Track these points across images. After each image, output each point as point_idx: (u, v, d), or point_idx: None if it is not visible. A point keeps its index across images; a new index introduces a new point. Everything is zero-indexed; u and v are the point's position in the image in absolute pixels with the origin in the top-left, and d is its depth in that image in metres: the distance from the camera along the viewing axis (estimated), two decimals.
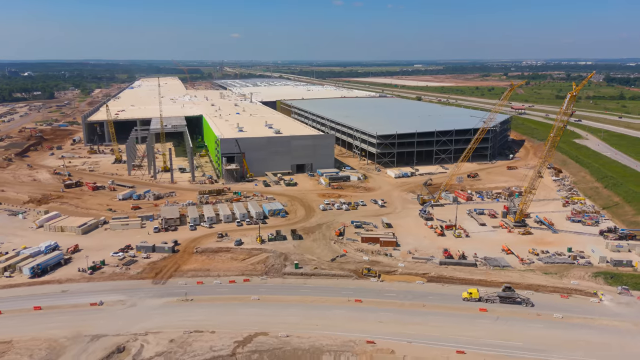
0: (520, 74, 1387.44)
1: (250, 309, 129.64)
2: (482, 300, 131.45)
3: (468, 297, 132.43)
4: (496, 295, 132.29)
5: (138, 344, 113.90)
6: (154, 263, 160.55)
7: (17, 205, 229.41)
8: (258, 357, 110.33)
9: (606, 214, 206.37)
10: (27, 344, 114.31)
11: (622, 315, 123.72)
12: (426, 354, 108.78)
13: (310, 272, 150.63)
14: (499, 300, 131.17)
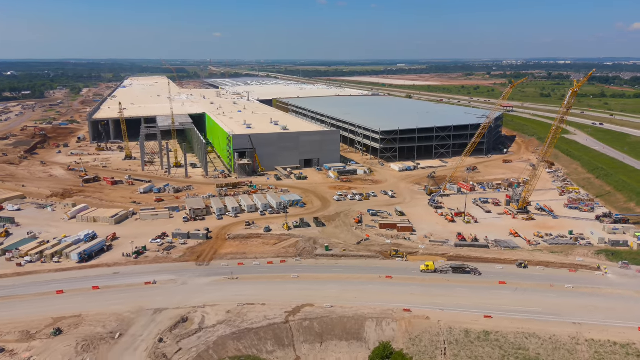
0: (502, 73, 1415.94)
1: (293, 285, 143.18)
2: (437, 271, 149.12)
3: (425, 269, 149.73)
4: (449, 266, 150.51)
5: (199, 314, 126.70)
6: (192, 248, 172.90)
7: (41, 199, 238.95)
8: (309, 324, 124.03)
9: (600, 201, 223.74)
10: (96, 317, 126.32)
11: (624, 285, 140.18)
12: (458, 319, 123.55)
13: (339, 253, 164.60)
14: (452, 270, 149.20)
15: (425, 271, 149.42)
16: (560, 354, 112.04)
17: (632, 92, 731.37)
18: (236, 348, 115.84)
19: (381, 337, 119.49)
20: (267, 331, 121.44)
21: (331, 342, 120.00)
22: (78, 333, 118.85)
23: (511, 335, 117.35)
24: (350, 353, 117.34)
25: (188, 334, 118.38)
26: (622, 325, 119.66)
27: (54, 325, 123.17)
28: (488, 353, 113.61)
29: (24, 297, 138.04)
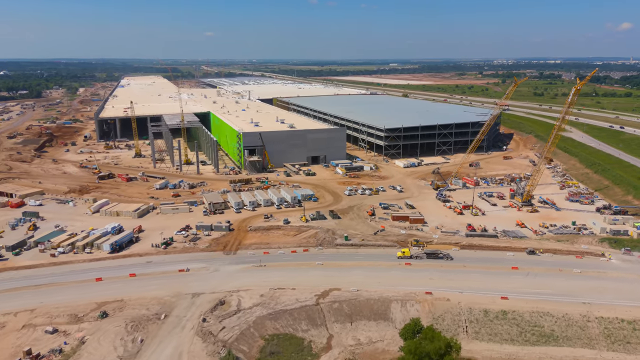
0: (494, 72, 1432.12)
1: (318, 272, 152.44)
2: (412, 257, 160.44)
3: (402, 255, 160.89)
4: (423, 252, 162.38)
5: (235, 298, 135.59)
6: (217, 239, 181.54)
7: (59, 195, 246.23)
8: (338, 305, 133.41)
9: (599, 194, 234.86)
10: (138, 302, 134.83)
11: (628, 270, 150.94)
12: (476, 300, 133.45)
13: (359, 243, 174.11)
14: (426, 256, 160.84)
15: (402, 257, 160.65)
16: (573, 330, 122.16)
17: (622, 91, 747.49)
18: (274, 327, 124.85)
19: (406, 317, 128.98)
20: (301, 312, 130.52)
21: (360, 321, 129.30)
22: (124, 315, 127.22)
23: (527, 314, 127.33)
24: (379, 331, 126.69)
25: (228, 314, 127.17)
26: (628, 304, 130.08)
27: (99, 309, 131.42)
28: (506, 330, 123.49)
29: (64, 284, 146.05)
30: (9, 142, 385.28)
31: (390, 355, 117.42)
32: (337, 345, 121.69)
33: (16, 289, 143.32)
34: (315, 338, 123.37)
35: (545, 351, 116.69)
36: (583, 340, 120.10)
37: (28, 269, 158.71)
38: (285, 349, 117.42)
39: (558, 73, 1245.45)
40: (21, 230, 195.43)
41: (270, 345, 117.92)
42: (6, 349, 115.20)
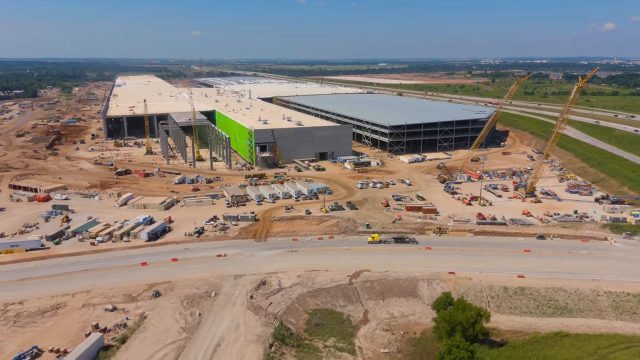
0: (483, 72, 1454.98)
1: (346, 256, 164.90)
2: (381, 242, 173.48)
3: (372, 241, 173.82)
4: (392, 238, 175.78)
5: (275, 278, 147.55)
6: (245, 228, 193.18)
7: (81, 190, 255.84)
8: (370, 284, 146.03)
9: (596, 186, 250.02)
10: (186, 282, 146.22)
11: (629, 251, 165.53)
12: (496, 279, 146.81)
13: (379, 230, 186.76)
14: (394, 241, 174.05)
15: (372, 242, 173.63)
16: (585, 303, 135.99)
17: (610, 89, 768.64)
18: (314, 303, 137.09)
19: (433, 294, 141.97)
20: (337, 290, 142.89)
21: (391, 298, 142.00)
22: (176, 294, 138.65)
23: (542, 290, 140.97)
24: (409, 306, 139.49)
25: (272, 292, 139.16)
26: (632, 280, 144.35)
27: (151, 289, 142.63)
28: (525, 304, 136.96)
29: (112, 269, 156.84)
30: (18, 140, 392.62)
31: (422, 327, 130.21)
32: (373, 318, 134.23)
33: (67, 274, 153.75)
34: (352, 313, 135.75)
35: (561, 322, 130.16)
36: (594, 311, 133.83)
37: (72, 256, 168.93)
38: (328, 322, 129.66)
39: (546, 72, 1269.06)
40: (54, 222, 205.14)
41: (314, 318, 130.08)
42: (74, 324, 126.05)
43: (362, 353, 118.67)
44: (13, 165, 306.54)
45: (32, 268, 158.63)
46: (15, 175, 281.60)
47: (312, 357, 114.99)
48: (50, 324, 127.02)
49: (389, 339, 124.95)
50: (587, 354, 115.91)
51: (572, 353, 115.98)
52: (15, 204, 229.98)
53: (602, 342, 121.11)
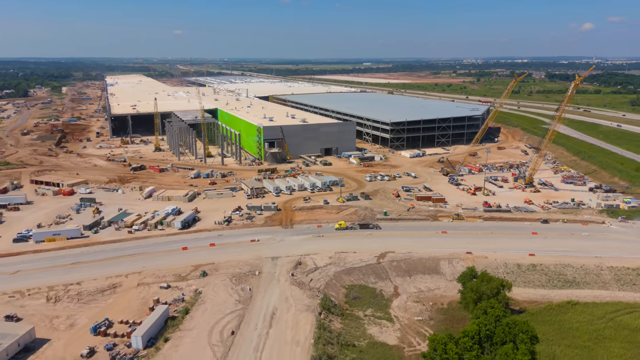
0: (467, 71, 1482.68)
1: (371, 239, 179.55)
2: (348, 228, 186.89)
3: (339, 227, 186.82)
4: (357, 224, 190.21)
5: (309, 259, 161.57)
6: (270, 217, 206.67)
7: (101, 184, 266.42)
8: (396, 264, 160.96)
9: (589, 177, 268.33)
10: (228, 264, 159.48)
11: (626, 233, 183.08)
12: (509, 257, 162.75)
13: (396, 217, 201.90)
14: (359, 227, 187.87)
15: (339, 229, 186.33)
16: (590, 277, 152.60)
17: (592, 88, 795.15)
18: (349, 280, 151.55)
19: (454, 271, 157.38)
20: (367, 269, 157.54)
21: (417, 275, 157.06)
22: (222, 273, 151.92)
23: (552, 266, 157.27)
24: (434, 282, 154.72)
25: (309, 271, 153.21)
26: (631, 256, 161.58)
27: (197, 270, 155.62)
28: (537, 278, 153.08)
29: (155, 253, 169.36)
30: (24, 138, 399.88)
31: (448, 299, 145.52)
32: (403, 292, 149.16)
33: (114, 258, 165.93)
34: (383, 288, 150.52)
35: (571, 292, 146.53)
36: (599, 284, 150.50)
37: (113, 242, 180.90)
38: (364, 295, 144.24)
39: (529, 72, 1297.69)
40: (85, 213, 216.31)
41: (351, 292, 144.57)
42: (134, 300, 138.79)
43: (399, 320, 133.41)
44: (28, 162, 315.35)
45: (79, 254, 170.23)
46: (33, 171, 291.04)
47: (356, 323, 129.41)
48: (111, 300, 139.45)
49: (420, 309, 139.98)
50: (596, 318, 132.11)
51: (583, 317, 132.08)
52: (41, 197, 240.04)
53: (608, 308, 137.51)
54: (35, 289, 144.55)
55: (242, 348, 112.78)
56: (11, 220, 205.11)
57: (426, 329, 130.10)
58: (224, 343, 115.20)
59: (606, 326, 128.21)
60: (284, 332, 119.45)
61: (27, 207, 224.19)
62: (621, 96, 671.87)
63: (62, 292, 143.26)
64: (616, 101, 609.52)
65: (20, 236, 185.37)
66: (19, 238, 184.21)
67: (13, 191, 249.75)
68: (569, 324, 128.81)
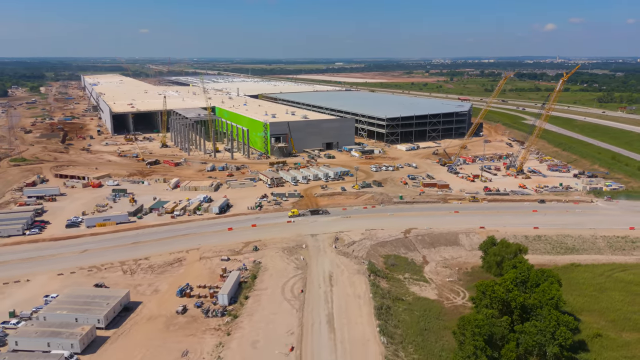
0: (439, 71, 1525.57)
1: (393, 219, 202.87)
2: (300, 215, 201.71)
3: (292, 215, 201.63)
4: (308, 210, 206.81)
5: (345, 235, 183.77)
6: (295, 202, 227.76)
7: (123, 177, 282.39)
8: (421, 237, 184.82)
9: (572, 165, 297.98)
10: (273, 240, 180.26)
11: (612, 209, 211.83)
12: (517, 230, 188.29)
13: (411, 200, 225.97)
14: (310, 213, 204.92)
15: (292, 216, 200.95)
16: (587, 245, 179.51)
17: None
18: (384, 251, 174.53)
19: (471, 242, 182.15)
20: (397, 242, 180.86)
21: (440, 247, 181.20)
22: (272, 248, 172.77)
23: (554, 237, 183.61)
24: (455, 252, 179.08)
25: (348, 244, 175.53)
26: (619, 227, 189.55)
27: (248, 246, 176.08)
28: (543, 247, 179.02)
29: (205, 234, 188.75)
30: (28, 136, 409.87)
31: (471, 265, 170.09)
32: (431, 260, 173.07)
33: (169, 238, 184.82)
34: (414, 257, 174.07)
35: (572, 257, 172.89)
36: (595, 250, 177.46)
37: (161, 226, 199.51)
38: (399, 263, 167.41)
39: (498, 71, 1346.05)
40: (122, 202, 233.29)
41: (388, 260, 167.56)
42: (202, 270, 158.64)
43: (433, 281, 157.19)
44: (42, 158, 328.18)
45: (135, 235, 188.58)
46: (51, 166, 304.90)
47: (398, 284, 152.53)
48: (182, 271, 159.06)
49: (449, 272, 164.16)
50: (596, 275, 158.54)
51: (585, 275, 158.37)
52: (71, 190, 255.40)
53: (605, 268, 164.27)
54: (108, 264, 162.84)
55: (314, 301, 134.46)
56: (53, 210, 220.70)
57: (458, 288, 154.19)
58: (297, 298, 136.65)
59: (606, 280, 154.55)
60: (345, 289, 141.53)
61: (62, 198, 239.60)
62: (588, 94, 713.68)
63: (135, 265, 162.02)
64: (585, 98, 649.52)
65: (71, 222, 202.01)
66: (70, 224, 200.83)
67: (41, 184, 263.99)
68: (575, 280, 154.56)
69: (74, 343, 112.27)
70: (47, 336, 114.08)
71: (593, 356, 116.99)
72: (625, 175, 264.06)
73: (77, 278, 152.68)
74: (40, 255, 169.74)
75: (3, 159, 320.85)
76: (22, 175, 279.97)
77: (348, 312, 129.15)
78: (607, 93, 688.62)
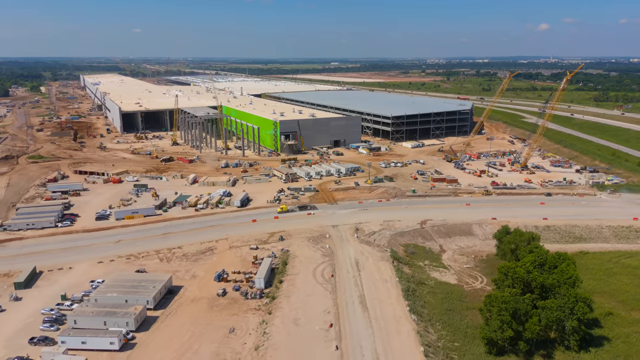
0: (435, 71, 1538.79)
1: (408, 211, 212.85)
2: (289, 210, 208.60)
3: (281, 211, 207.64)
4: (296, 206, 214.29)
5: (364, 226, 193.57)
6: (312, 196, 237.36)
7: (138, 174, 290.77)
8: (437, 228, 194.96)
9: (573, 161, 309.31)
10: (297, 231, 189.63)
11: (615, 201, 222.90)
12: (527, 221, 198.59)
13: (423, 194, 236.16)
14: (298, 209, 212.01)
15: (281, 212, 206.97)
16: (594, 234, 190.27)
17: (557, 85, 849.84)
18: (403, 240, 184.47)
19: (485, 232, 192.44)
20: (414, 232, 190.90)
21: (455, 237, 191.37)
22: (297, 238, 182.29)
23: (562, 227, 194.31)
24: (469, 241, 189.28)
25: (369, 234, 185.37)
26: (623, 218, 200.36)
27: (273, 236, 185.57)
28: (552, 236, 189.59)
29: (231, 225, 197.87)
30: (39, 134, 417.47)
31: (485, 253, 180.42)
32: (447, 249, 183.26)
33: (196, 229, 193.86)
34: (431, 246, 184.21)
35: (581, 246, 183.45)
36: (601, 239, 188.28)
37: (187, 218, 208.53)
38: (418, 251, 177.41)
39: (493, 71, 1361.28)
40: (145, 197, 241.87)
41: (408, 248, 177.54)
42: (234, 258, 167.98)
43: (452, 268, 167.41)
44: (59, 156, 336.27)
45: (164, 227, 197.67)
46: (69, 163, 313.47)
47: (420, 270, 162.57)
48: (215, 259, 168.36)
49: (466, 260, 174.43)
50: (605, 262, 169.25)
51: (594, 261, 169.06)
52: (93, 185, 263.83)
53: (612, 255, 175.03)
54: (144, 253, 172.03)
55: (345, 284, 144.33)
56: (80, 204, 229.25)
57: (475, 273, 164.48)
58: (328, 282, 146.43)
59: (614, 266, 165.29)
60: (372, 274, 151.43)
61: (85, 193, 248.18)
62: (584, 93, 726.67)
63: (169, 254, 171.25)
64: (580, 97, 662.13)
65: (100, 215, 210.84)
66: (99, 216, 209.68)
67: (61, 180, 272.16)
68: (585, 266, 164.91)
69: (129, 321, 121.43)
70: (103, 315, 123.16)
71: (606, 332, 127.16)
72: (626, 170, 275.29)
73: (117, 265, 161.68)
74: (77, 246, 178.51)
75: (20, 156, 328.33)
76: (41, 172, 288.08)
77: (378, 293, 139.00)
78: (602, 92, 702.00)
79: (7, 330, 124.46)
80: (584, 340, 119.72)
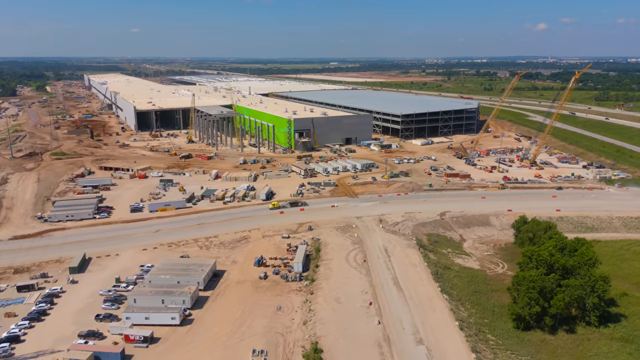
0: (435, 70, 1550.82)
1: (427, 204, 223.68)
2: (280, 207, 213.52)
3: (273, 207, 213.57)
4: (287, 202, 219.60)
5: (387, 217, 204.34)
6: (332, 190, 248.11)
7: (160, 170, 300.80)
8: (456, 219, 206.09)
9: (580, 158, 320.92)
10: (323, 222, 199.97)
11: (623, 194, 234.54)
12: (541, 212, 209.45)
13: (440, 188, 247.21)
14: (290, 205, 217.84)
15: (273, 208, 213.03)
16: (605, 224, 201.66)
17: (558, 85, 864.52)
18: (425, 230, 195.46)
19: (502, 223, 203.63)
20: (435, 223, 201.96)
21: (474, 227, 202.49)
22: (324, 227, 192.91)
23: (575, 218, 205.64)
24: (488, 231, 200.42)
25: (393, 224, 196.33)
26: (631, 209, 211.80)
27: (302, 226, 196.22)
28: (566, 227, 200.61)
29: (260, 217, 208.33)
30: (57, 132, 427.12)
31: (503, 241, 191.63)
32: (467, 238, 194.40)
33: (228, 220, 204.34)
34: (452, 235, 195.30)
35: (593, 235, 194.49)
36: (612, 229, 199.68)
37: (217, 210, 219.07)
38: (440, 240, 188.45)
39: (493, 71, 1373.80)
40: (172, 191, 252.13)
41: (431, 237, 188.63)
42: (268, 245, 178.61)
43: (474, 255, 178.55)
44: (80, 153, 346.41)
45: (197, 218, 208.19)
46: (92, 160, 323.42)
47: (444, 257, 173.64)
48: (250, 246, 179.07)
49: (486, 248, 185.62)
50: (616, 249, 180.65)
51: (606, 249, 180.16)
52: (119, 180, 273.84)
53: (623, 243, 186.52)
54: (184, 241, 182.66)
55: (377, 268, 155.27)
56: (111, 197, 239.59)
57: (496, 260, 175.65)
58: (361, 266, 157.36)
59: (625, 253, 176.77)
60: (401, 259, 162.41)
61: (113, 188, 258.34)
62: (585, 92, 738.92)
63: (207, 242, 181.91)
64: (581, 97, 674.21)
65: (134, 207, 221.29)
66: (134, 208, 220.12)
67: (88, 176, 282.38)
68: (598, 253, 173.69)
69: (185, 299, 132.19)
70: (161, 294, 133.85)
71: (622, 310, 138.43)
72: (631, 165, 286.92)
73: (161, 252, 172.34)
74: (118, 235, 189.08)
75: (44, 153, 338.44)
76: (67, 168, 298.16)
77: (409, 276, 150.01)
78: (602, 92, 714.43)
79: (72, 309, 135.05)
80: (603, 317, 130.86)
